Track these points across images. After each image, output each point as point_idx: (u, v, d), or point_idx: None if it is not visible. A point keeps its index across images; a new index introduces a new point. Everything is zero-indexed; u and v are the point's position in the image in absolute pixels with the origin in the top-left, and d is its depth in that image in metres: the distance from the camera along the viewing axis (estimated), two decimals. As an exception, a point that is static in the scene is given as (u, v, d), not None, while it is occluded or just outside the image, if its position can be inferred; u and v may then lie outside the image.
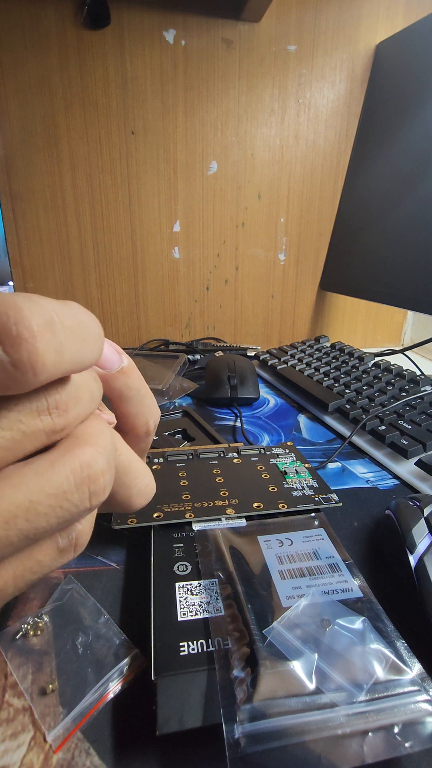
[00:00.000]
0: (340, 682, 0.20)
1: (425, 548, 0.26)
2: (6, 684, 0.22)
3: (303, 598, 0.24)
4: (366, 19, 0.69)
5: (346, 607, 0.24)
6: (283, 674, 0.20)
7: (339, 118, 0.73)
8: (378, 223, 0.67)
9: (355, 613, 0.23)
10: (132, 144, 0.67)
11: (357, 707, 0.19)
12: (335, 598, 0.24)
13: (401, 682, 0.20)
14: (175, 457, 0.39)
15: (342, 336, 0.86)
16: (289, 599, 0.24)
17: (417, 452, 0.41)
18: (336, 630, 0.22)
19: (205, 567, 0.27)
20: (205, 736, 0.19)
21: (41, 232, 0.68)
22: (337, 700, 0.19)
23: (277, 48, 0.67)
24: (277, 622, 0.23)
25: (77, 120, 0.64)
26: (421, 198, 0.59)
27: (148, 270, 0.73)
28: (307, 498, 0.33)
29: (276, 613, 0.23)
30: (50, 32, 0.60)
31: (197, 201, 0.72)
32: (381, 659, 0.21)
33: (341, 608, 0.24)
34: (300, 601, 0.24)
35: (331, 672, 0.21)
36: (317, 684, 0.20)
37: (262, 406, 0.57)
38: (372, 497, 0.37)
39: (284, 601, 0.24)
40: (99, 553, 0.30)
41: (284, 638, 0.22)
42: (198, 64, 0.66)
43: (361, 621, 0.23)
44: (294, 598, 0.24)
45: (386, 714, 0.19)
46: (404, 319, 0.88)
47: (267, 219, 0.75)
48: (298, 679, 0.20)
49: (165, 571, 0.27)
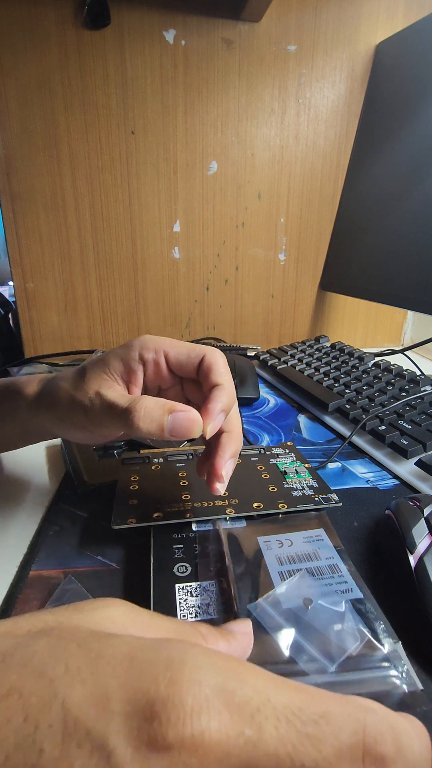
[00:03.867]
0: (313, 654, 0.21)
1: (425, 548, 0.26)
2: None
3: (290, 578, 0.25)
4: (366, 19, 0.69)
5: (331, 588, 0.25)
6: (261, 643, 0.21)
7: (339, 118, 0.73)
8: (378, 223, 0.67)
9: (339, 594, 0.24)
10: (132, 144, 0.67)
11: (327, 677, 0.20)
12: (334, 598, 0.24)
13: (373, 658, 0.21)
14: (175, 457, 0.39)
15: (342, 336, 0.86)
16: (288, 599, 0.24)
17: (417, 452, 0.41)
18: (317, 608, 0.23)
19: (205, 568, 0.27)
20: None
21: (41, 232, 0.68)
22: (309, 669, 0.20)
23: (277, 48, 0.67)
24: (263, 599, 0.24)
25: (77, 120, 0.64)
26: (422, 198, 0.59)
27: (148, 270, 0.73)
28: (307, 498, 0.33)
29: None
30: (50, 32, 0.60)
31: (197, 201, 0.72)
32: (356, 637, 0.22)
33: (325, 589, 0.25)
34: (286, 581, 0.25)
35: (307, 645, 0.21)
36: (291, 655, 0.21)
37: (262, 406, 0.57)
38: (372, 497, 0.37)
39: (284, 602, 0.24)
40: (99, 553, 0.30)
41: (267, 613, 0.23)
42: (198, 64, 0.66)
43: (343, 602, 0.24)
44: (293, 598, 0.24)
45: (354, 685, 0.20)
46: (404, 319, 0.88)
47: (267, 219, 0.75)
48: (275, 648, 0.21)
49: (165, 573, 0.27)
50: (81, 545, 0.31)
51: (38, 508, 0.35)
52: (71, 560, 0.30)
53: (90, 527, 0.32)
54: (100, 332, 0.74)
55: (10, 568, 0.29)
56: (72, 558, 0.30)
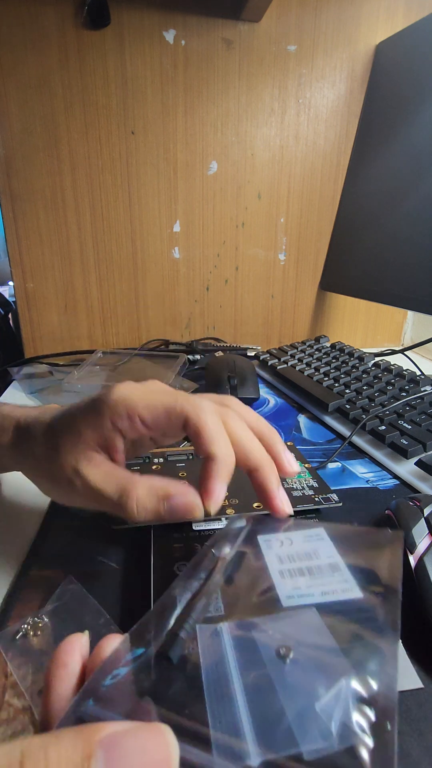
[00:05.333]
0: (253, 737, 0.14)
1: (425, 548, 0.26)
2: (6, 684, 0.22)
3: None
4: (366, 19, 0.69)
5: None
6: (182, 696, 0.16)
7: (339, 118, 0.73)
8: (378, 223, 0.67)
9: (334, 654, 0.16)
10: (132, 144, 0.67)
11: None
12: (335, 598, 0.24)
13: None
14: (175, 457, 0.39)
15: (342, 336, 0.86)
16: (289, 599, 0.24)
17: (417, 452, 0.41)
18: (297, 664, 0.16)
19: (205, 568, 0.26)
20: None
21: (41, 232, 0.68)
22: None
23: (277, 48, 0.67)
24: (224, 624, 0.18)
25: (77, 120, 0.64)
26: (422, 198, 0.59)
27: (148, 270, 0.73)
28: (307, 498, 0.33)
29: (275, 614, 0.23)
30: (50, 32, 0.60)
31: (197, 201, 0.72)
32: (342, 737, 0.14)
33: (313, 638, 0.18)
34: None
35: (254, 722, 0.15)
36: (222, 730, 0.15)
37: (262, 406, 0.57)
38: (372, 497, 0.37)
39: (284, 601, 0.24)
40: (99, 553, 0.30)
41: (212, 644, 0.18)
42: (198, 64, 0.66)
43: (343, 663, 0.16)
44: (294, 598, 0.24)
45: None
46: (404, 319, 0.88)
47: (267, 219, 0.75)
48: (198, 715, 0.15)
49: (165, 572, 0.27)
50: (81, 545, 0.31)
51: (39, 508, 0.35)
52: (71, 560, 0.30)
53: (90, 527, 0.32)
54: (100, 332, 0.74)
55: (10, 568, 0.29)
56: (72, 558, 0.30)
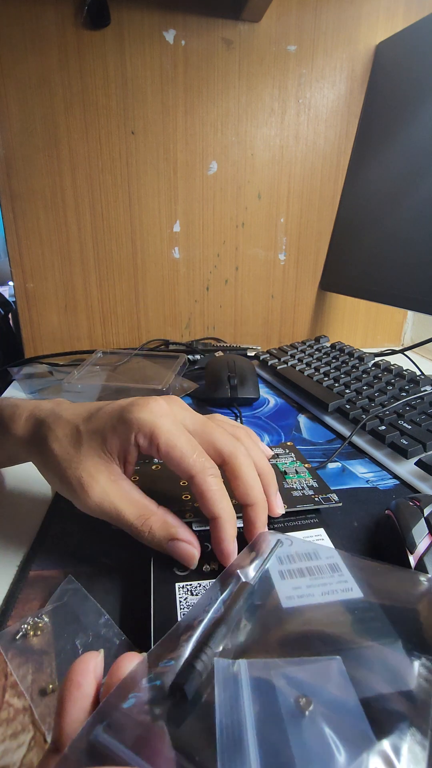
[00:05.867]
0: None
1: (425, 548, 0.26)
2: (6, 684, 0.22)
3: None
4: (366, 19, 0.69)
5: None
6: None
7: (339, 118, 0.73)
8: (378, 223, 0.67)
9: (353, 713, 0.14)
10: (132, 144, 0.67)
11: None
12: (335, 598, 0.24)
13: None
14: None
15: (342, 336, 0.86)
16: (288, 599, 0.24)
17: (417, 452, 0.41)
18: (318, 716, 0.15)
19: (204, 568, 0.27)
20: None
21: (41, 232, 0.68)
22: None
23: (277, 48, 0.67)
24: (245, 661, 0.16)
25: (77, 120, 0.64)
26: (422, 198, 0.59)
27: (148, 270, 0.73)
28: (307, 498, 0.33)
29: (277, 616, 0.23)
30: (50, 32, 0.60)
31: (197, 201, 0.72)
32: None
33: (332, 695, 0.16)
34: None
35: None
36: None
37: (262, 406, 0.57)
38: (372, 497, 0.37)
39: (284, 601, 0.24)
40: (99, 553, 0.30)
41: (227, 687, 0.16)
42: (198, 64, 0.66)
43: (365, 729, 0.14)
44: (294, 598, 0.24)
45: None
46: (404, 319, 0.88)
47: (267, 219, 0.75)
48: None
49: (165, 572, 0.27)
50: (81, 545, 0.31)
51: (39, 508, 0.35)
52: (71, 560, 0.30)
53: (90, 527, 0.32)
54: (100, 332, 0.74)
55: (10, 568, 0.29)
56: (72, 558, 0.30)
